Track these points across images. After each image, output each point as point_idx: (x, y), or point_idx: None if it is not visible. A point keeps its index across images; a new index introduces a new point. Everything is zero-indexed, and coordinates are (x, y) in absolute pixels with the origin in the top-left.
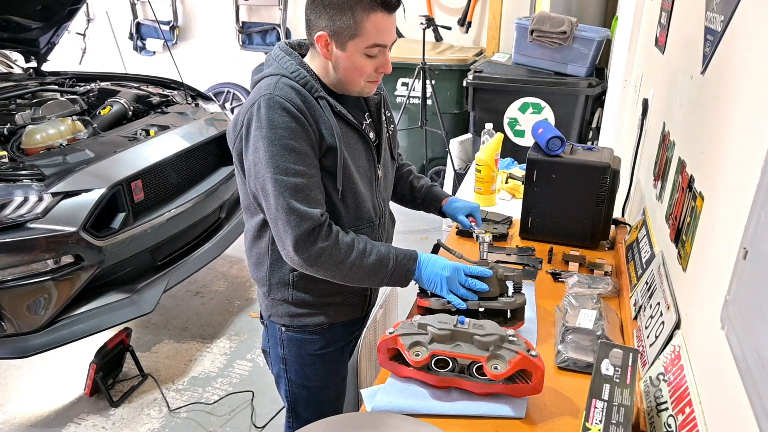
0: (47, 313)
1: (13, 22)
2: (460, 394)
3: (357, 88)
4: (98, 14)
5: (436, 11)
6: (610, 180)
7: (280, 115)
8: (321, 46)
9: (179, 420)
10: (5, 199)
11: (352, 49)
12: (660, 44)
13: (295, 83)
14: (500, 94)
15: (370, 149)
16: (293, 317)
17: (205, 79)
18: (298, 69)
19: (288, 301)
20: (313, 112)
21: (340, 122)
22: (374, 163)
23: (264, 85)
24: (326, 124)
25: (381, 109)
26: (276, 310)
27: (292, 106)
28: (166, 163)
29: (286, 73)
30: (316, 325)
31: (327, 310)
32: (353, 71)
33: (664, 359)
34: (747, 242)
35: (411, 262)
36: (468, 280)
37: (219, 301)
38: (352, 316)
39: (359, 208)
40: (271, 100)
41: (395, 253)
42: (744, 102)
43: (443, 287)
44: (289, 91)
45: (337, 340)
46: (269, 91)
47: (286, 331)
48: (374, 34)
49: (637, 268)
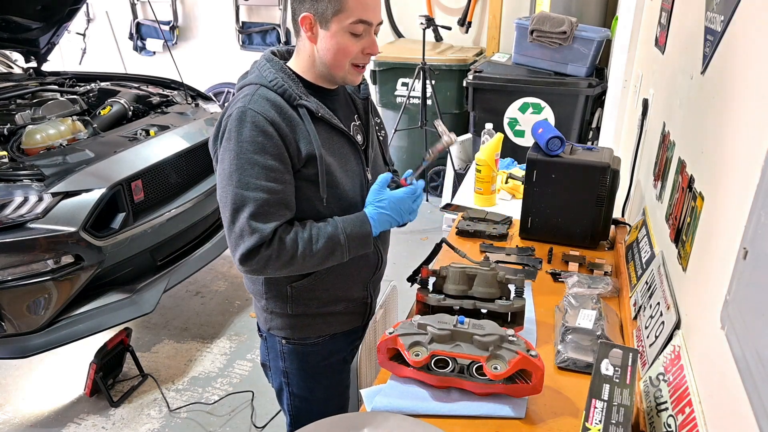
0: (47, 313)
1: (13, 22)
2: (460, 394)
3: (342, 72)
4: (98, 14)
5: (436, 11)
6: (610, 180)
7: (249, 129)
8: (306, 29)
9: (179, 420)
10: (5, 199)
11: (336, 26)
12: (660, 44)
13: (273, 93)
14: (500, 94)
15: (357, 152)
16: (293, 330)
17: (205, 79)
18: (276, 77)
19: (287, 314)
20: (290, 122)
21: (324, 127)
22: (363, 166)
23: (241, 95)
24: (304, 134)
25: (369, 113)
26: (275, 323)
27: (264, 119)
28: (166, 163)
29: (264, 81)
30: (318, 337)
31: (327, 320)
32: (338, 52)
33: (664, 359)
34: (747, 242)
35: (362, 225)
36: (416, 200)
37: (219, 301)
38: (354, 325)
39: (347, 212)
40: (243, 113)
41: (343, 227)
42: (744, 102)
43: (400, 218)
44: (263, 104)
45: (339, 351)
46: (243, 104)
47: (287, 343)
48: (358, 9)
49: (637, 268)
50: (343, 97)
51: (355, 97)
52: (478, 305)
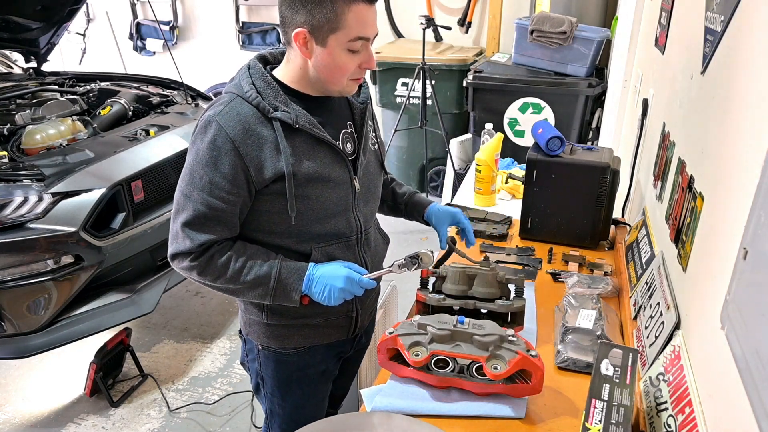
0: (47, 313)
1: (13, 22)
2: (460, 394)
3: (339, 87)
4: (98, 14)
5: (436, 11)
6: (610, 180)
7: (208, 140)
8: (299, 44)
9: (179, 420)
10: (5, 199)
11: (334, 44)
12: (660, 44)
13: (248, 104)
14: (500, 94)
15: (344, 161)
16: (269, 338)
17: (205, 79)
18: (251, 89)
19: (263, 323)
20: (257, 140)
21: (304, 137)
22: (350, 175)
23: (218, 102)
24: (272, 152)
25: (365, 118)
26: (252, 330)
27: (226, 135)
28: (166, 163)
29: (240, 92)
30: (293, 348)
31: (305, 332)
32: (335, 69)
33: (664, 359)
34: (747, 242)
35: (297, 279)
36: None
37: (219, 301)
38: (336, 338)
39: (327, 225)
40: (209, 123)
41: (278, 271)
42: (744, 102)
43: (335, 298)
44: (231, 118)
45: (317, 363)
46: (214, 112)
47: (263, 349)
48: (356, 27)
49: (637, 268)
50: (338, 101)
51: (352, 101)
52: (478, 305)
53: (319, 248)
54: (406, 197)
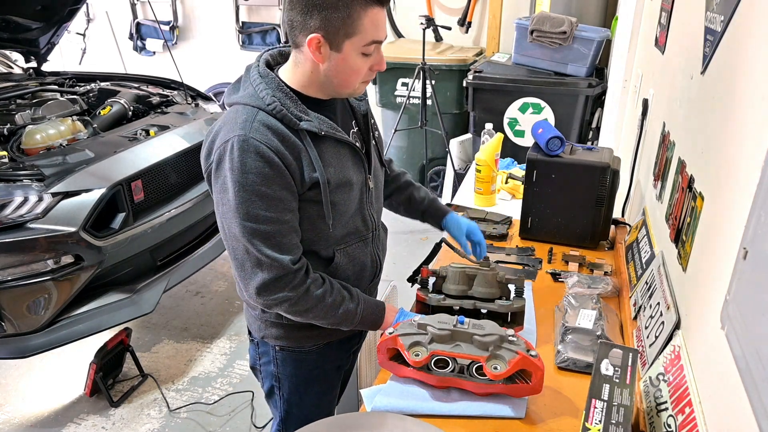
0: (47, 313)
1: (13, 22)
2: (460, 394)
3: (350, 90)
4: (98, 14)
5: (436, 11)
6: (610, 180)
7: (253, 159)
8: (312, 49)
9: (179, 420)
10: (5, 199)
11: (349, 48)
12: (660, 44)
13: (273, 118)
14: (500, 94)
15: (360, 161)
16: (288, 338)
17: (205, 79)
18: (274, 101)
19: (282, 323)
20: (293, 149)
21: (328, 142)
22: (365, 175)
23: (240, 119)
24: (307, 160)
25: (368, 118)
26: (270, 332)
27: (269, 149)
28: (166, 163)
29: (262, 105)
30: (312, 345)
31: (323, 329)
32: (350, 73)
33: (664, 359)
34: (747, 242)
35: (378, 316)
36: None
37: (219, 301)
38: (349, 333)
39: (347, 226)
40: (246, 143)
41: (362, 309)
42: (744, 102)
43: None
44: (265, 132)
45: (334, 358)
46: (244, 132)
47: (281, 350)
48: (372, 31)
49: (637, 268)
50: (341, 103)
51: (351, 100)
52: (478, 305)
53: (341, 250)
54: (426, 203)
